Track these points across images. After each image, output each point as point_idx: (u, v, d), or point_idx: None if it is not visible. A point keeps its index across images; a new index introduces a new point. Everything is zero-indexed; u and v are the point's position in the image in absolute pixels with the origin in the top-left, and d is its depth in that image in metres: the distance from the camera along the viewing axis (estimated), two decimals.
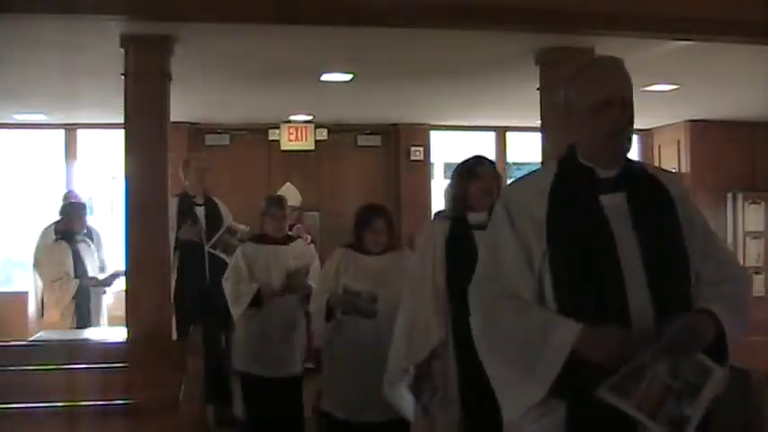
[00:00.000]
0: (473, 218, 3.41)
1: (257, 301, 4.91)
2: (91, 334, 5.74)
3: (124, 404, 3.39)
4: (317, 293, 4.45)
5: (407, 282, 3.58)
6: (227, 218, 6.07)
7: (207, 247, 5.74)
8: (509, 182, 8.54)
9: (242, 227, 5.99)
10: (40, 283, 6.73)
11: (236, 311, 4.96)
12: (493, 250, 2.18)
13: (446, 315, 3.31)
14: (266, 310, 4.95)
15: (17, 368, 3.92)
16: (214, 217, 5.96)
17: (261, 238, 5.15)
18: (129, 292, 4.68)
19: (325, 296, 4.28)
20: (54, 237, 6.32)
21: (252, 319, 4.96)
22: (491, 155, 9.09)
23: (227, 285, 5.00)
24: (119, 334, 4.94)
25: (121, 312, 4.93)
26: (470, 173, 3.52)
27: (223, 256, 5.62)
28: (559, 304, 2.05)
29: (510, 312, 2.07)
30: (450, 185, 3.63)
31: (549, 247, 2.06)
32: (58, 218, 6.39)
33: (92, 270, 6.22)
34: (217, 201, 6.09)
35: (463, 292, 2.38)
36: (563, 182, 2.15)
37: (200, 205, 5.88)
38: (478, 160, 3.62)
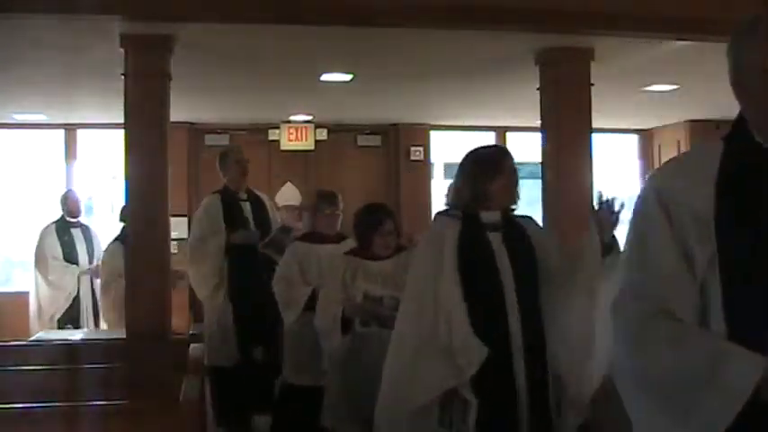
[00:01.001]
0: (487, 217, 3.05)
1: (313, 305, 4.36)
2: (91, 334, 5.75)
3: (124, 404, 3.39)
4: (322, 308, 4.04)
5: (410, 294, 3.11)
6: (274, 213, 5.71)
7: (260, 248, 5.31)
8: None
9: (298, 224, 5.61)
10: (41, 282, 6.77)
11: (288, 317, 4.55)
12: (641, 255, 1.68)
13: None
14: None
15: (17, 368, 3.92)
16: (261, 214, 5.56)
17: (312, 237, 4.72)
18: (129, 292, 4.69)
19: (336, 308, 3.90)
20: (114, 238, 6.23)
21: (305, 327, 4.39)
22: None
23: (277, 290, 4.61)
24: (119, 334, 4.93)
25: (122, 312, 4.93)
26: (494, 166, 3.09)
27: (278, 257, 5.01)
28: (731, 327, 1.56)
29: (666, 339, 1.59)
30: (466, 179, 3.13)
31: (720, 253, 1.59)
32: (120, 222, 6.17)
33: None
34: (260, 195, 5.71)
35: (479, 302, 2.33)
36: (734, 166, 1.63)
37: (245, 201, 5.49)
38: (503, 152, 3.22)
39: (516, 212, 3.18)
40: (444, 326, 2.91)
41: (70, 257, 6.79)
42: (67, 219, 6.90)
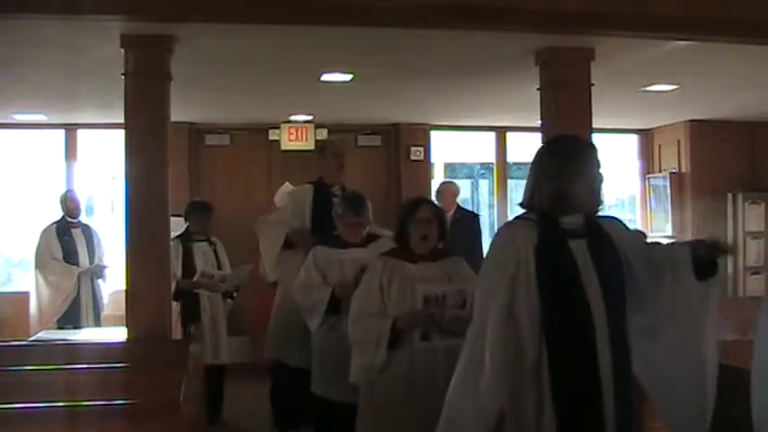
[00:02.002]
0: (568, 221, 2.55)
1: (335, 307, 4.16)
2: (91, 334, 5.75)
3: (124, 404, 3.39)
4: (356, 318, 3.59)
5: (480, 306, 2.55)
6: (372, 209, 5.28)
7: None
8: (509, 182, 8.34)
9: (387, 232, 5.67)
10: (41, 283, 6.78)
11: (313, 323, 4.28)
12: None
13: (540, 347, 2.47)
14: (345, 319, 4.01)
15: (17, 368, 3.92)
16: None
17: (335, 241, 4.41)
18: (129, 292, 4.69)
19: (379, 321, 3.47)
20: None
21: (330, 332, 4.19)
22: (491, 155, 9.13)
23: (297, 296, 4.35)
24: (119, 334, 4.94)
25: (121, 312, 4.94)
26: (578, 161, 2.61)
27: None
28: None
29: None
30: (544, 176, 2.61)
31: None
32: (183, 221, 6.13)
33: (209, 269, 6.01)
34: (356, 190, 5.19)
35: (561, 325, 2.11)
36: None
37: (337, 196, 5.05)
38: (588, 143, 2.76)
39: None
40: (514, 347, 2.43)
41: (70, 258, 6.79)
42: (68, 219, 6.91)
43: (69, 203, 6.94)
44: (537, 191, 2.60)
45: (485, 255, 2.70)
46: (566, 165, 2.59)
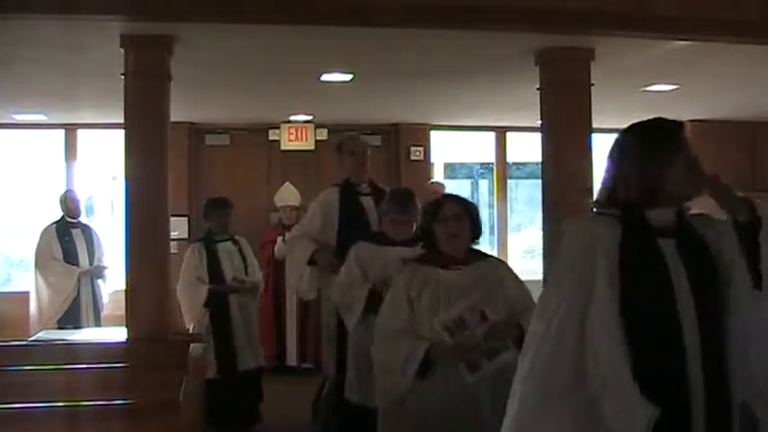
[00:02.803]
0: (657, 217, 2.14)
1: (374, 306, 3.82)
2: (91, 334, 5.75)
3: (124, 404, 3.39)
4: (382, 337, 3.22)
5: (540, 327, 2.12)
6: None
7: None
8: (509, 182, 8.37)
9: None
10: (41, 283, 6.78)
11: (350, 322, 4.06)
12: None
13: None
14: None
15: (17, 368, 3.92)
16: None
17: (379, 238, 4.17)
18: (129, 293, 4.69)
19: (409, 343, 3.08)
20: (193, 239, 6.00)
21: (367, 333, 3.82)
22: (491, 155, 9.14)
23: (335, 294, 4.17)
24: (119, 334, 4.94)
25: (121, 312, 4.94)
26: (670, 145, 2.21)
27: None
28: None
29: None
30: (628, 163, 2.22)
31: None
32: (200, 220, 6.00)
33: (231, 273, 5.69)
34: (386, 189, 4.94)
35: (646, 338, 1.85)
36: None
37: (367, 195, 4.84)
38: (678, 125, 2.33)
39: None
40: (593, 370, 2.01)
41: (70, 258, 6.79)
42: (68, 219, 6.91)
43: (69, 203, 6.94)
44: (621, 182, 2.19)
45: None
46: (656, 149, 2.20)
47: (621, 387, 1.98)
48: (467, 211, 3.28)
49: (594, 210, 2.27)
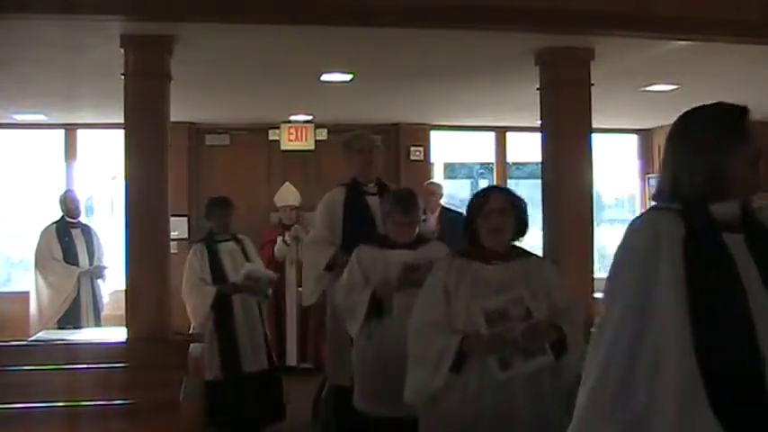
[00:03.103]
0: (721, 211, 1.97)
1: (377, 310, 3.83)
2: (91, 334, 5.75)
3: (124, 404, 3.39)
4: (417, 331, 3.08)
5: (601, 331, 1.94)
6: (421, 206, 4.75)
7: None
8: (509, 182, 8.35)
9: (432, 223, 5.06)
10: (41, 283, 6.78)
11: (353, 328, 3.93)
12: None
13: None
14: (387, 324, 3.77)
15: (17, 368, 3.92)
16: None
17: (381, 240, 4.05)
18: (129, 293, 4.69)
19: (444, 337, 2.95)
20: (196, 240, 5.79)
21: (371, 339, 3.85)
22: (491, 155, 9.14)
23: (338, 298, 4.04)
24: (119, 334, 4.94)
25: (121, 312, 4.94)
26: (736, 132, 2.08)
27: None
28: None
29: None
30: (689, 153, 2.05)
31: None
32: (204, 220, 5.79)
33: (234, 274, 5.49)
34: (393, 187, 4.87)
35: (717, 341, 1.69)
36: None
37: (374, 194, 4.68)
38: (742, 110, 2.18)
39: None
40: (652, 378, 1.81)
41: (70, 258, 6.79)
42: (67, 219, 6.91)
43: (69, 204, 6.94)
44: (683, 173, 2.02)
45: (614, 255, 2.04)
46: (720, 136, 2.05)
47: (689, 392, 1.79)
48: (513, 205, 3.12)
49: (654, 204, 2.07)
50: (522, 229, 3.17)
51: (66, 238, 6.84)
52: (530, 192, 9.75)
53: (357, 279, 3.90)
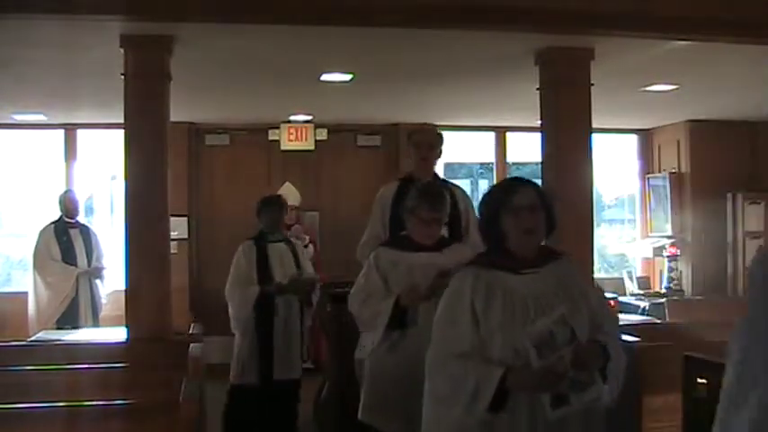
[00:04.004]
0: None
1: (400, 320, 3.43)
2: (90, 334, 5.74)
3: (124, 404, 3.39)
4: (441, 363, 2.50)
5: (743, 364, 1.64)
6: (467, 210, 4.36)
7: None
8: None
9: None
10: (40, 284, 6.77)
11: (372, 339, 3.57)
12: None
13: None
14: (412, 336, 3.37)
15: (17, 368, 3.92)
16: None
17: (402, 241, 3.65)
18: (129, 293, 4.69)
19: (479, 369, 2.39)
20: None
21: (392, 352, 3.47)
22: (491, 155, 9.13)
23: (353, 306, 3.61)
24: (118, 334, 4.94)
25: (120, 312, 4.94)
26: None
27: None
28: None
29: None
30: None
31: None
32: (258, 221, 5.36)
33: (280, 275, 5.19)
34: (451, 185, 4.53)
35: None
36: None
37: None
38: None
39: None
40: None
41: (69, 258, 6.79)
42: (66, 219, 6.90)
43: (68, 204, 6.94)
44: None
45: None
46: None
47: None
48: (541, 198, 2.57)
49: None
50: (552, 227, 2.62)
51: (65, 238, 6.83)
52: None
53: (376, 285, 3.51)
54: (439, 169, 4.52)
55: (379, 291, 3.49)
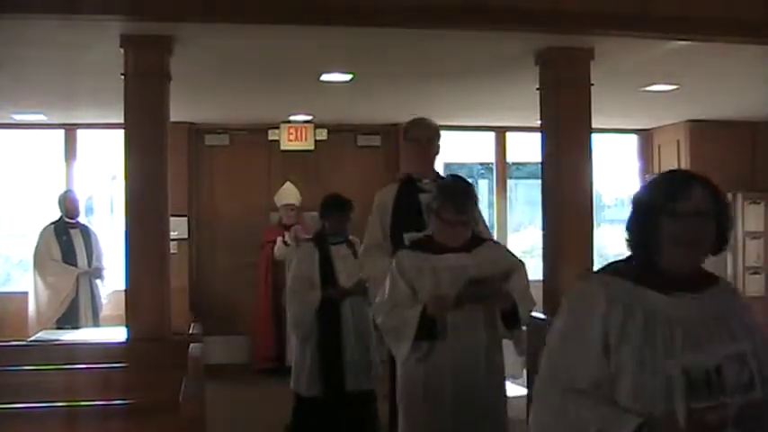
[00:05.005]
0: None
1: (430, 331, 3.17)
2: (90, 334, 5.75)
3: (124, 404, 3.39)
4: (562, 404, 1.90)
5: None
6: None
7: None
8: (509, 182, 8.31)
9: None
10: (40, 284, 6.77)
11: (400, 352, 3.27)
12: None
13: None
14: (442, 348, 3.17)
15: (17, 368, 3.92)
16: None
17: (427, 244, 3.39)
18: (129, 293, 4.69)
19: (599, 410, 1.82)
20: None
21: (423, 363, 3.24)
22: (491, 155, 9.13)
23: (378, 317, 3.36)
24: (119, 334, 4.94)
25: (120, 312, 4.93)
26: None
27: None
28: None
29: None
30: None
31: None
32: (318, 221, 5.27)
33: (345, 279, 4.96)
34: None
35: None
36: None
37: (429, 192, 3.88)
38: None
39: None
40: None
41: (69, 258, 6.79)
42: (66, 219, 6.90)
43: (68, 204, 6.94)
44: None
45: None
46: None
47: None
48: (714, 200, 1.98)
49: None
50: (722, 242, 2.00)
51: (65, 238, 6.84)
52: (530, 192, 9.77)
53: (402, 293, 3.26)
54: (439, 169, 4.47)
55: (406, 299, 3.22)
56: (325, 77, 6.01)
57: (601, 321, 1.88)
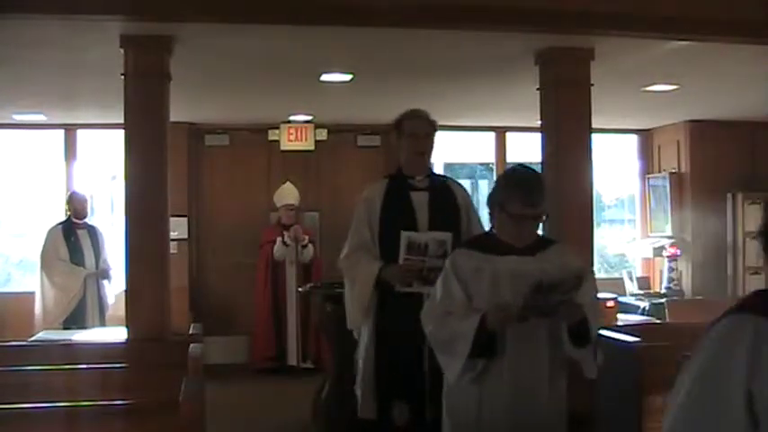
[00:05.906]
0: None
1: (488, 345, 2.73)
2: (91, 334, 5.75)
3: (124, 404, 3.39)
4: None
5: None
6: (467, 206, 3.86)
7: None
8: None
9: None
10: (47, 284, 6.76)
11: (452, 369, 2.82)
12: None
13: None
14: (501, 365, 2.77)
15: (17, 368, 3.92)
16: (444, 207, 3.77)
17: (485, 243, 2.98)
18: (129, 293, 4.69)
19: None
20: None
21: (478, 382, 2.81)
22: (491, 155, 9.13)
23: (427, 325, 2.92)
24: (119, 334, 4.94)
25: (121, 312, 4.93)
26: None
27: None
28: None
29: None
30: None
31: None
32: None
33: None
34: (450, 182, 3.97)
35: None
36: None
37: (421, 190, 3.76)
38: None
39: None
40: None
41: (76, 259, 6.79)
42: (73, 220, 6.88)
43: (77, 204, 6.94)
44: None
45: None
46: None
47: None
48: None
49: None
50: None
51: (72, 238, 6.83)
52: None
53: (457, 298, 2.84)
54: (439, 169, 4.49)
55: (462, 306, 2.82)
56: (325, 77, 6.01)
57: (743, 378, 1.44)
